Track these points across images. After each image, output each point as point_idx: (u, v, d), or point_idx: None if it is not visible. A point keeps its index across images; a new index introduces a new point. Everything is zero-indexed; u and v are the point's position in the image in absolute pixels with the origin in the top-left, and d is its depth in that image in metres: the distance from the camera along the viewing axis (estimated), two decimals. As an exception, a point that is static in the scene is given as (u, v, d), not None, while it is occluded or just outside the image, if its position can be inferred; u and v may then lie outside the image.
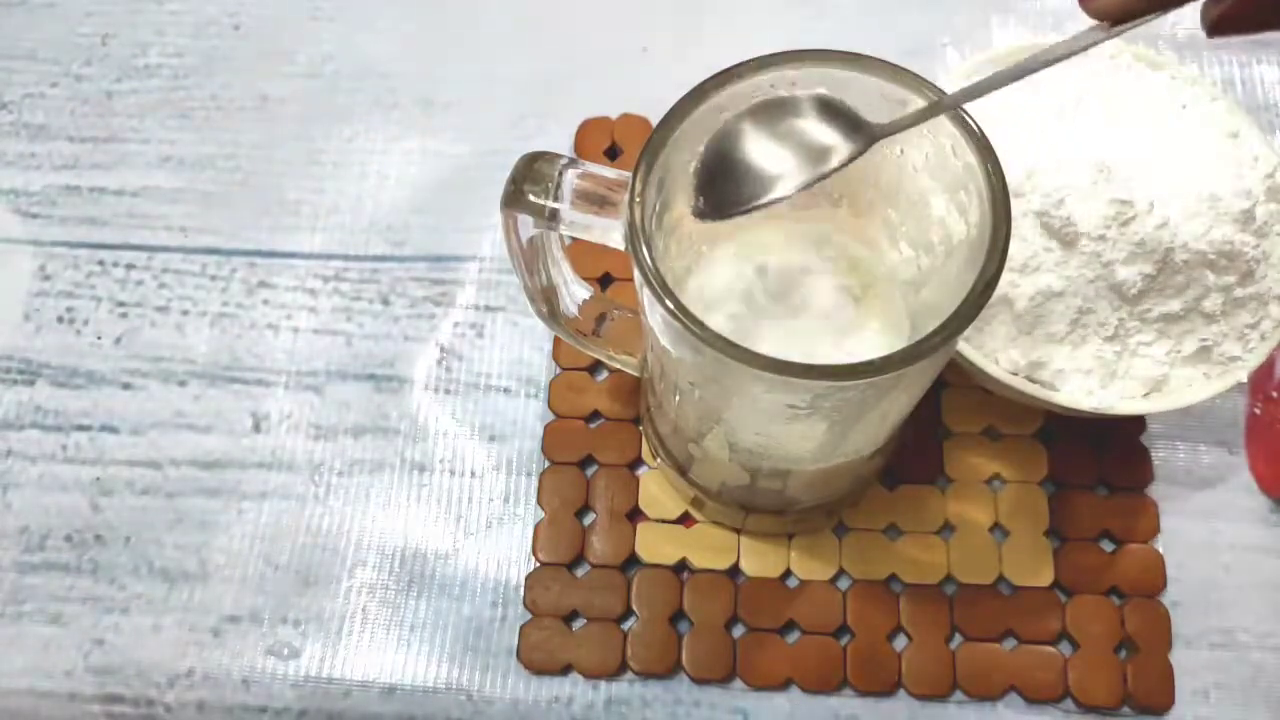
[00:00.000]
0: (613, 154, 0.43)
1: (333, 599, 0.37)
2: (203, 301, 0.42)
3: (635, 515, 0.37)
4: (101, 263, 0.42)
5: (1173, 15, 0.44)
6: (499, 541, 0.38)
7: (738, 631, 0.36)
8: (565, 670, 0.36)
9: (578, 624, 0.36)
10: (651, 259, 0.24)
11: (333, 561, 0.37)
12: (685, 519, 0.37)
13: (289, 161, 0.44)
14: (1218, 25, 0.23)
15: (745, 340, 0.23)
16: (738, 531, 0.37)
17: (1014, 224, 0.24)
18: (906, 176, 0.28)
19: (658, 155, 0.25)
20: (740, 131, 0.26)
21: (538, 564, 0.37)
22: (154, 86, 0.46)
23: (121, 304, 0.42)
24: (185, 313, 0.41)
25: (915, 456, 0.37)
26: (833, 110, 0.25)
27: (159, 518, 0.38)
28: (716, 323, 0.29)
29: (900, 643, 0.36)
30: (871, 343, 0.30)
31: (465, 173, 0.44)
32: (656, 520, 0.37)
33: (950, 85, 0.25)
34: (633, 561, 0.37)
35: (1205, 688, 0.35)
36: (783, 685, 0.35)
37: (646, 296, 0.24)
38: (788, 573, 0.36)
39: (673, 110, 0.25)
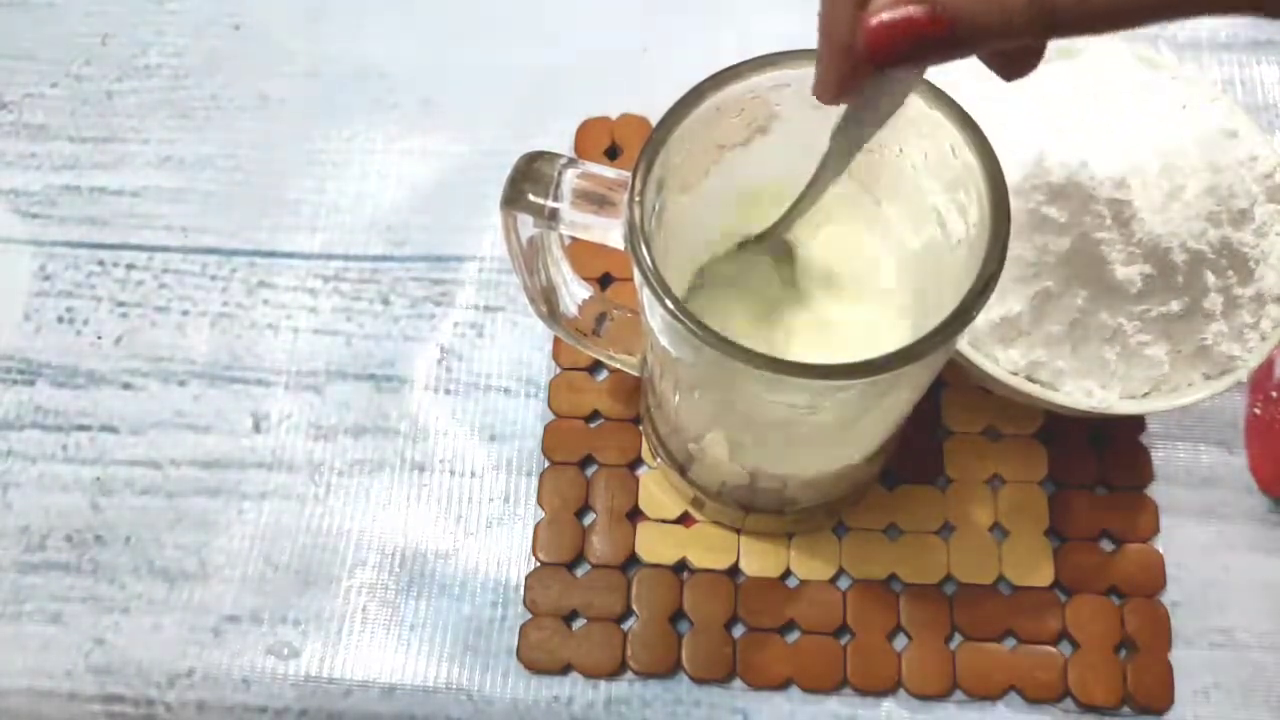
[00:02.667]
0: (613, 154, 0.43)
1: (333, 599, 0.37)
2: (203, 301, 0.42)
3: (635, 515, 0.37)
4: (101, 263, 0.42)
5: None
6: (499, 541, 0.38)
7: (738, 631, 0.36)
8: (565, 670, 0.36)
9: (578, 624, 0.36)
10: (651, 259, 0.24)
11: (333, 561, 0.37)
12: (685, 519, 0.37)
13: (289, 161, 0.44)
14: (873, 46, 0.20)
15: (745, 340, 0.23)
16: (738, 531, 0.37)
17: (1013, 223, 0.24)
18: (906, 176, 0.28)
19: (657, 155, 0.25)
20: None
21: (538, 564, 0.37)
22: (154, 86, 0.46)
23: (121, 304, 0.42)
24: (185, 313, 0.41)
25: (915, 456, 0.37)
26: None
27: (159, 518, 0.38)
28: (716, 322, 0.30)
29: (900, 642, 0.36)
30: (872, 343, 0.30)
31: (465, 173, 0.44)
32: (656, 520, 0.37)
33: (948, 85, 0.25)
34: (633, 561, 0.37)
35: (1205, 687, 0.35)
36: (783, 685, 0.35)
37: (646, 296, 0.24)
38: (788, 572, 0.36)
39: (673, 110, 0.25)
